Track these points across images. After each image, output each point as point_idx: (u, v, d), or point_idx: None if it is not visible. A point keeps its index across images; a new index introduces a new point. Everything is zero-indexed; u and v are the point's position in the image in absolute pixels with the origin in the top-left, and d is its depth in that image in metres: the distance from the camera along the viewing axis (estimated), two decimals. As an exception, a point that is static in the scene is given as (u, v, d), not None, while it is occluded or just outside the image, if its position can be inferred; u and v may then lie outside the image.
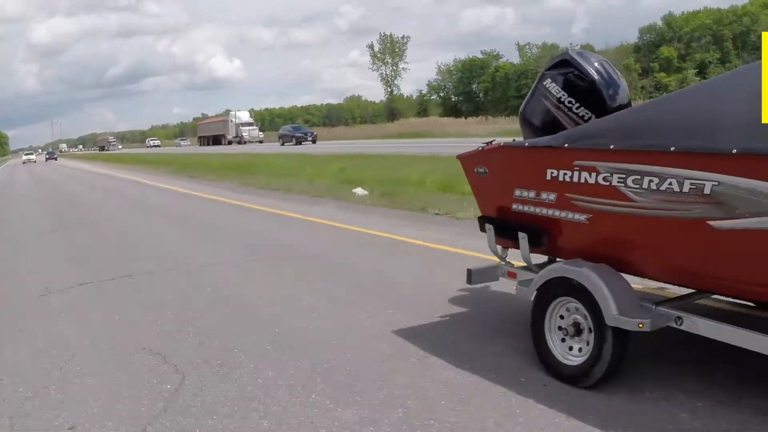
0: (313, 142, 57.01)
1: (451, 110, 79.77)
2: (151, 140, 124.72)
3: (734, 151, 3.15)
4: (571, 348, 4.01)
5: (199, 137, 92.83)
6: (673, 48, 71.85)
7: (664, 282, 4.17)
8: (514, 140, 4.77)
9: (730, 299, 4.02)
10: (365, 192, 14.48)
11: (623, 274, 3.91)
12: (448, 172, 13.39)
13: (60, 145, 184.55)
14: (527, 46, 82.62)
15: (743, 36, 66.96)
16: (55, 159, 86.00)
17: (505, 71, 79.11)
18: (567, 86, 4.44)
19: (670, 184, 3.45)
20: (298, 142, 55.78)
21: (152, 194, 20.44)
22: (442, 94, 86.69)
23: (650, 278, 4.11)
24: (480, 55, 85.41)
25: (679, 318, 3.65)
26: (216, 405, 3.91)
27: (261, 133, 77.77)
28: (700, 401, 3.62)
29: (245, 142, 70.73)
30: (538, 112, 4.62)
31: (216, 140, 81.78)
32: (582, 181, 3.96)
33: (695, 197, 3.35)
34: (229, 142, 75.17)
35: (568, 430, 3.42)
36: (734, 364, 3.93)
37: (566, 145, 4.05)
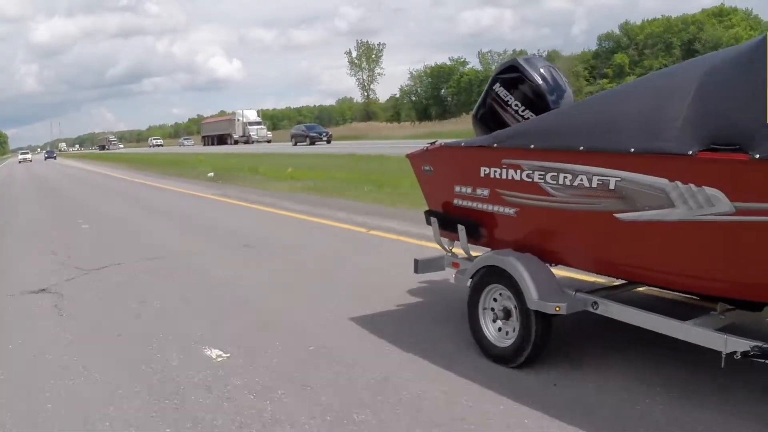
0: (328, 141, 52.28)
1: (422, 113, 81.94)
2: (154, 140, 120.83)
3: (632, 150, 3.45)
4: (501, 330, 4.31)
5: (203, 137, 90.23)
6: (626, 55, 73.75)
7: (587, 271, 4.46)
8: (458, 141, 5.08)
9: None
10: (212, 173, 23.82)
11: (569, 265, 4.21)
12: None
13: (59, 145, 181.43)
14: (488, 53, 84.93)
15: (690, 44, 68.27)
16: (54, 158, 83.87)
17: (469, 77, 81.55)
18: (514, 90, 4.71)
19: (581, 180, 3.74)
20: (312, 142, 51.22)
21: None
22: (413, 98, 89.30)
23: (574, 267, 4.38)
24: (449, 62, 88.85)
25: (595, 303, 3.93)
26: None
27: (269, 132, 75.64)
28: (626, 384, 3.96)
29: (253, 142, 68.21)
30: (489, 114, 4.87)
31: (221, 140, 79.09)
32: (509, 177, 4.25)
33: (602, 192, 3.64)
34: (236, 142, 73.09)
35: (491, 400, 3.74)
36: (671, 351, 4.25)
37: (495, 145, 4.34)
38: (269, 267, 7.68)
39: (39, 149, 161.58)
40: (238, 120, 75.18)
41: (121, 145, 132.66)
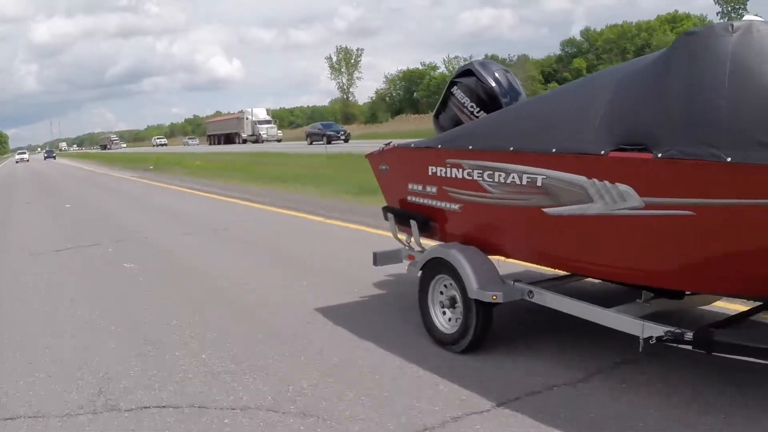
0: (346, 140, 47.48)
1: (397, 114, 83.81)
2: (158, 138, 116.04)
3: (554, 150, 3.68)
4: (449, 318, 4.53)
5: (209, 136, 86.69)
6: (585, 59, 75.10)
7: (526, 262, 4.68)
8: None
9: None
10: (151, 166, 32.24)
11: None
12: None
13: (60, 144, 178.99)
14: (455, 59, 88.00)
15: (641, 49, 69.32)
16: (54, 158, 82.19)
17: (437, 80, 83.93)
18: (469, 93, 4.89)
19: (513, 178, 3.95)
20: (329, 141, 44.68)
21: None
22: (388, 100, 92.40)
23: (516, 259, 4.59)
24: (422, 66, 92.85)
25: (531, 292, 4.16)
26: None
27: (279, 131, 71.14)
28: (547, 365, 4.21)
29: (263, 141, 63.80)
30: (448, 115, 5.06)
31: (228, 139, 75.77)
32: (453, 176, 4.46)
33: (531, 188, 3.85)
34: (244, 141, 68.90)
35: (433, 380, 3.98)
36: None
37: (440, 146, 4.57)
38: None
39: (39, 149, 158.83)
40: (247, 118, 71.67)
41: (124, 144, 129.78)
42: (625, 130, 3.34)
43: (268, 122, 71.74)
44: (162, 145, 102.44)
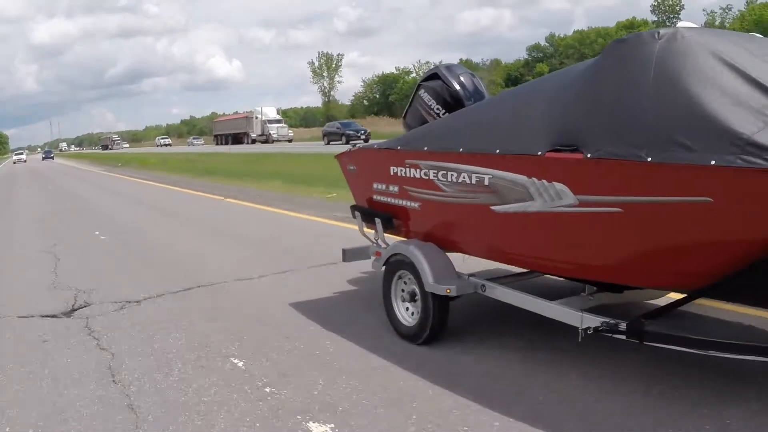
0: (366, 140, 42.78)
1: (374, 115, 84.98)
2: (162, 138, 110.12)
3: (497, 151, 3.82)
4: (410, 312, 4.67)
5: (215, 136, 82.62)
6: (547, 65, 77.06)
7: (482, 258, 4.82)
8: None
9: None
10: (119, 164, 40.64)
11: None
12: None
13: (60, 144, 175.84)
14: (426, 64, 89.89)
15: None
16: (52, 158, 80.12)
17: (409, 84, 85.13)
18: (436, 96, 5.02)
19: (464, 177, 4.08)
20: (348, 141, 41.58)
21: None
22: (366, 103, 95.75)
23: (472, 255, 4.72)
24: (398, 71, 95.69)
25: (483, 286, 4.31)
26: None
27: (290, 131, 67.79)
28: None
29: (273, 141, 60.89)
30: (415, 117, 5.19)
31: (236, 139, 71.35)
32: (412, 176, 4.59)
33: (480, 187, 3.98)
34: (253, 141, 65.21)
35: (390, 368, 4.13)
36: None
37: (399, 148, 4.71)
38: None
39: (39, 149, 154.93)
40: (257, 118, 67.86)
41: (126, 144, 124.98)
42: (559, 132, 3.46)
43: (278, 121, 68.64)
44: (166, 145, 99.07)
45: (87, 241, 10.14)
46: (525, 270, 4.69)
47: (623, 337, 3.39)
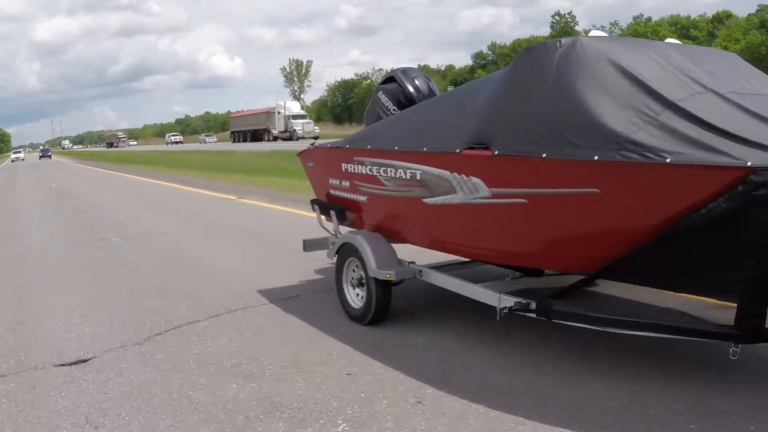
0: (316, 139, 41.49)
1: (336, 118, 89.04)
2: (173, 136, 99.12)
3: (425, 149, 4.10)
4: (359, 296, 4.95)
5: (232, 132, 74.93)
6: (485, 71, 78.59)
7: (424, 247, 5.08)
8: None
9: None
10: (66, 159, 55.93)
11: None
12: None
13: (63, 142, 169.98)
14: (379, 71, 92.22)
15: None
16: (49, 157, 75.46)
17: (364, 89, 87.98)
18: (392, 97, 5.31)
19: (400, 173, 4.36)
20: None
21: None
22: (329, 105, 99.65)
23: (415, 245, 4.97)
24: (360, 77, 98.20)
25: (421, 271, 4.60)
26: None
27: (317, 127, 59.98)
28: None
29: (298, 138, 53.89)
30: (374, 117, 5.45)
31: (256, 136, 65.00)
32: (359, 171, 4.87)
33: (413, 182, 4.26)
34: (275, 138, 58.61)
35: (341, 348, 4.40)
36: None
37: (347, 146, 5.00)
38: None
39: (40, 147, 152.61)
40: (279, 113, 60.38)
41: (133, 142, 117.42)
42: (475, 132, 3.75)
43: (303, 117, 61.39)
44: (177, 142, 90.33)
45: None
46: (468, 260, 4.94)
47: (534, 315, 3.65)
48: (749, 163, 2.75)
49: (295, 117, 59.49)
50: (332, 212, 5.38)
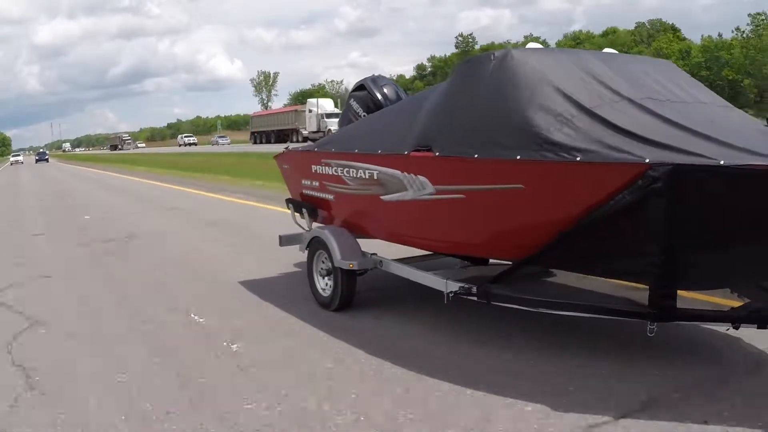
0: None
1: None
2: (186, 137, 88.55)
3: (379, 151, 4.40)
4: (327, 285, 5.24)
5: (253, 133, 67.04)
6: (423, 83, 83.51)
7: (385, 241, 5.35)
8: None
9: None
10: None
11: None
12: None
13: (63, 145, 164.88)
14: (332, 82, 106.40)
15: None
16: (46, 161, 69.88)
17: (318, 97, 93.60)
18: (362, 104, 5.61)
19: (360, 172, 4.66)
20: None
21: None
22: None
23: (375, 238, 5.21)
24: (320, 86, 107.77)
25: (381, 262, 4.89)
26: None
27: None
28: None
29: None
30: (347, 122, 5.74)
31: (281, 137, 57.52)
32: (326, 172, 5.16)
33: (371, 181, 4.56)
34: (305, 139, 48.47)
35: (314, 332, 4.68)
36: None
37: (316, 149, 5.30)
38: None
39: (40, 150, 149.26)
40: (311, 111, 52.86)
41: (142, 144, 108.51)
42: (420, 135, 4.06)
43: (338, 116, 46.94)
44: (191, 144, 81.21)
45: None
46: (430, 253, 5.23)
47: (475, 298, 3.94)
48: (647, 160, 3.05)
49: (329, 116, 50.54)
50: (304, 210, 5.66)
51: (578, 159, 3.21)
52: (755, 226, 3.09)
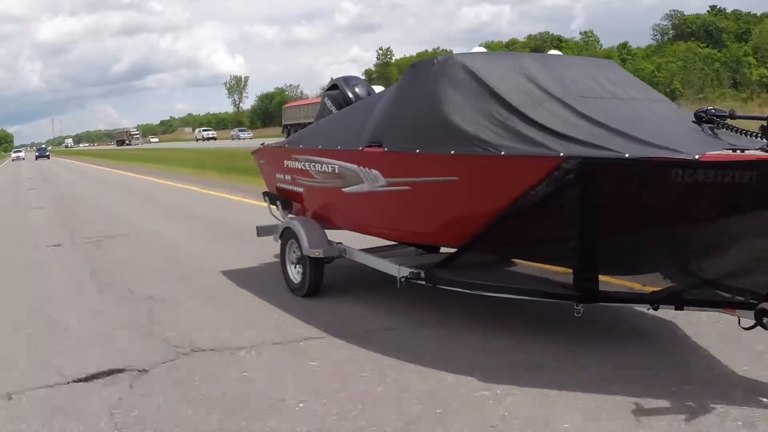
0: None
1: (263, 122, 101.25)
2: (204, 131, 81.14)
3: (339, 147, 4.72)
4: (298, 272, 5.56)
5: (285, 126, 58.70)
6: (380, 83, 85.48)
7: (349, 230, 5.63)
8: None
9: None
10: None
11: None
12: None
13: (66, 141, 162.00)
14: (290, 86, 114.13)
15: None
16: (47, 157, 64.39)
17: (278, 100, 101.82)
18: (335, 102, 5.92)
19: (324, 167, 4.98)
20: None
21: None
22: (257, 112, 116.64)
23: (341, 228, 5.49)
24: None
25: (345, 250, 5.21)
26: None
27: None
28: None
29: None
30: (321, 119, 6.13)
31: None
32: (296, 167, 5.48)
33: (334, 174, 4.88)
34: None
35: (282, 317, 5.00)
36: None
37: (286, 145, 5.62)
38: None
39: (42, 145, 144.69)
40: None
41: (155, 138, 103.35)
42: (373, 132, 4.39)
43: None
44: (209, 138, 73.71)
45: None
46: (394, 243, 5.53)
47: (424, 282, 4.24)
48: (562, 154, 3.34)
49: None
50: (278, 202, 5.98)
51: (502, 153, 3.51)
52: (659, 214, 3.39)
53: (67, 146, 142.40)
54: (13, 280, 6.88)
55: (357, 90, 5.85)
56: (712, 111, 3.70)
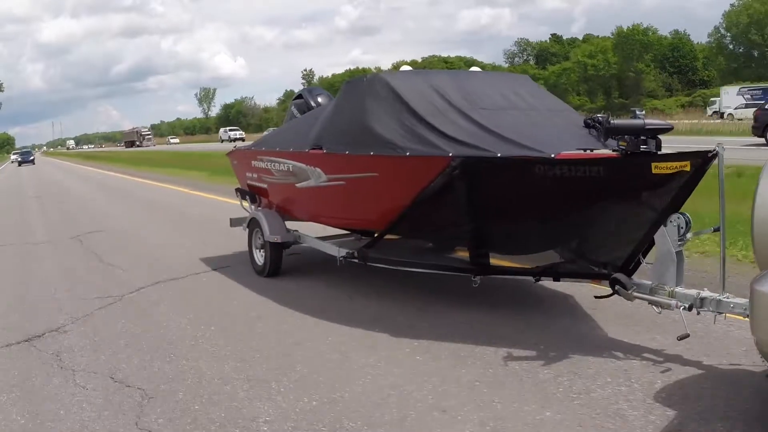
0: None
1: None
2: (231, 130, 71.34)
3: (291, 149, 5.60)
4: (261, 255, 6.41)
5: None
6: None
7: (306, 221, 6.47)
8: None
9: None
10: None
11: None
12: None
13: (68, 142, 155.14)
14: (243, 99, 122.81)
15: None
16: (32, 162, 56.37)
17: (237, 110, 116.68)
18: (300, 110, 6.79)
19: (281, 165, 5.87)
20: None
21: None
22: (220, 119, 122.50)
23: (301, 220, 6.40)
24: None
25: (299, 237, 6.08)
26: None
27: None
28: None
29: None
30: None
31: None
32: (260, 166, 6.37)
33: (288, 172, 5.76)
34: None
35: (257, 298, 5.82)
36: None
37: (253, 148, 6.51)
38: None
39: (44, 147, 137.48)
40: None
41: (176, 140, 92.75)
42: (316, 137, 5.28)
43: None
44: (237, 139, 62.07)
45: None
46: (348, 231, 6.40)
47: (357, 261, 5.10)
48: (450, 154, 4.20)
49: None
50: (248, 197, 6.86)
51: (407, 154, 4.38)
52: (531, 202, 4.23)
53: (68, 148, 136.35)
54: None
55: (319, 99, 6.71)
56: (598, 118, 4.47)
